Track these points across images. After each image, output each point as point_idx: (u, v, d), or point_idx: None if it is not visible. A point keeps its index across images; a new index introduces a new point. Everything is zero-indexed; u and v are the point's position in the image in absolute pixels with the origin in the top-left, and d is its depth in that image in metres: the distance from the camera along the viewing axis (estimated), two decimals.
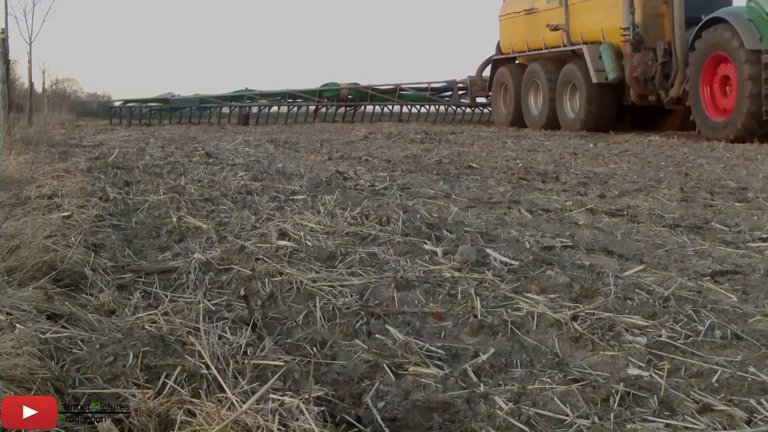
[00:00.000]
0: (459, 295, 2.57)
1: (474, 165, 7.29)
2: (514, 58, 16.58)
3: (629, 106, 13.49)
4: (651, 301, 2.46)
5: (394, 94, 19.79)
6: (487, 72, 18.20)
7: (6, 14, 17.06)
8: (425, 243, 3.31)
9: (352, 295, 2.56)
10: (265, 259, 3.01)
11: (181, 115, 18.93)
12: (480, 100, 19.40)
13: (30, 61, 18.71)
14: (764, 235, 3.66)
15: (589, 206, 4.54)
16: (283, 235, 3.42)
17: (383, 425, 1.64)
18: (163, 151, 9.15)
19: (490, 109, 19.39)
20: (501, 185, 5.68)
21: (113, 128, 16.47)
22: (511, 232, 3.74)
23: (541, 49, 15.08)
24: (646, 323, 2.23)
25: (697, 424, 1.61)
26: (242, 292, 2.41)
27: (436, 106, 19.91)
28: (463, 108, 19.93)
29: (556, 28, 14.16)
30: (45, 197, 4.42)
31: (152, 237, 3.64)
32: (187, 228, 3.73)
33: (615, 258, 3.22)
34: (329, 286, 2.66)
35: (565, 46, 14.31)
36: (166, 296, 2.58)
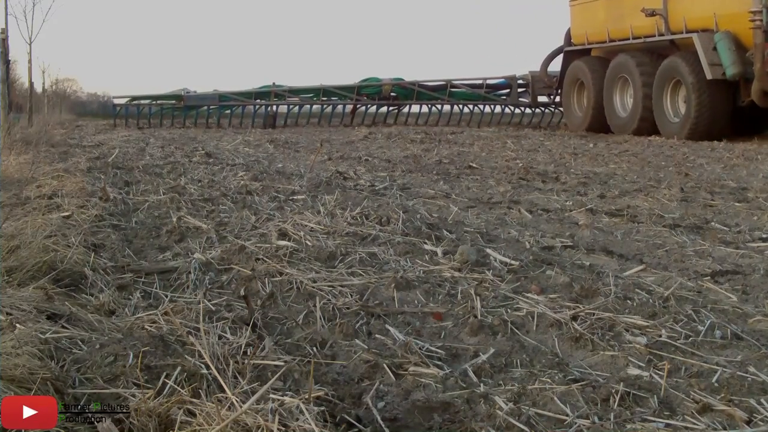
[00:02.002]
0: (459, 295, 2.57)
1: (474, 165, 7.29)
2: (589, 50, 14.40)
3: (739, 109, 11.25)
4: (651, 301, 2.46)
5: (445, 91, 17.17)
6: (552, 66, 15.83)
7: (6, 14, 17.05)
8: (425, 243, 3.31)
9: (352, 295, 2.56)
10: (265, 259, 3.01)
11: (197, 114, 16.59)
12: (542, 98, 17.04)
13: (30, 61, 18.70)
14: (764, 235, 3.66)
15: (589, 206, 4.54)
16: (283, 235, 3.42)
17: (383, 425, 1.64)
18: (163, 151, 9.16)
19: (552, 109, 17.24)
20: (501, 185, 5.68)
21: (114, 128, 16.43)
22: (511, 232, 3.74)
23: (628, 38, 12.91)
24: (646, 323, 2.23)
25: (697, 424, 1.61)
26: (242, 292, 2.41)
27: (492, 106, 17.62)
28: (522, 108, 17.58)
29: (652, 14, 12.01)
30: (45, 197, 4.42)
31: (152, 237, 3.64)
32: (187, 228, 3.73)
33: (615, 258, 3.22)
34: (329, 286, 2.66)
35: (662, 35, 12.15)
36: (166, 296, 2.58)
